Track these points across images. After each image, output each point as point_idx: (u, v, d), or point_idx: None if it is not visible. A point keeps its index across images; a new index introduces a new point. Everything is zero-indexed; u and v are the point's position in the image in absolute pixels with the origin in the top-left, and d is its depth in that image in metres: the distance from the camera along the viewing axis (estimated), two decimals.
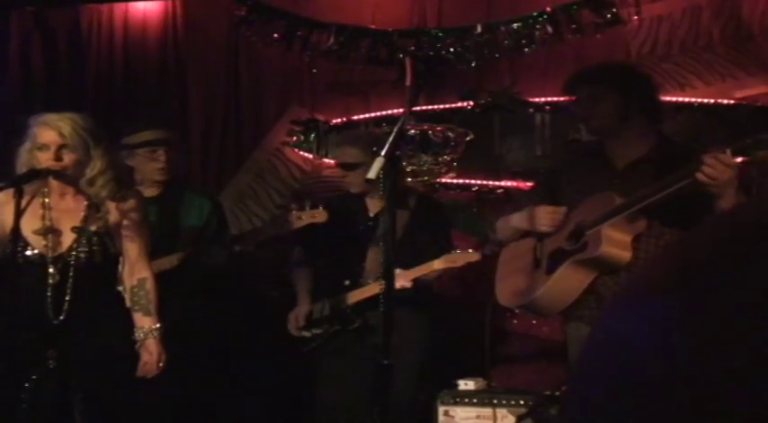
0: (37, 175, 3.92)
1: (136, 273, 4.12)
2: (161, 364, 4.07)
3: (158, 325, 4.10)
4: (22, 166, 3.97)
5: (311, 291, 5.21)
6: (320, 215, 5.07)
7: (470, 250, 4.93)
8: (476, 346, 5.52)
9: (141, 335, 4.07)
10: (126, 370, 4.02)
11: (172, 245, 5.12)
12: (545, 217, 3.96)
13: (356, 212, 5.15)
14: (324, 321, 5.12)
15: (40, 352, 3.89)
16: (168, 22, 7.37)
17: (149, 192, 5.19)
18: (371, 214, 5.12)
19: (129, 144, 5.18)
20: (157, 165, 5.17)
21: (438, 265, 4.87)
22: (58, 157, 3.91)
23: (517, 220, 4.12)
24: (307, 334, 5.13)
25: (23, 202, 3.90)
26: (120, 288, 4.18)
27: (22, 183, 3.89)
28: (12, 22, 7.49)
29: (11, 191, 3.88)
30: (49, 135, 3.91)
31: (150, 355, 4.06)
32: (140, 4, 7.43)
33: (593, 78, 4.00)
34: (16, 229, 3.86)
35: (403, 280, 4.71)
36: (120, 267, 4.16)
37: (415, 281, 4.85)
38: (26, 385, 3.86)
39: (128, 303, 4.09)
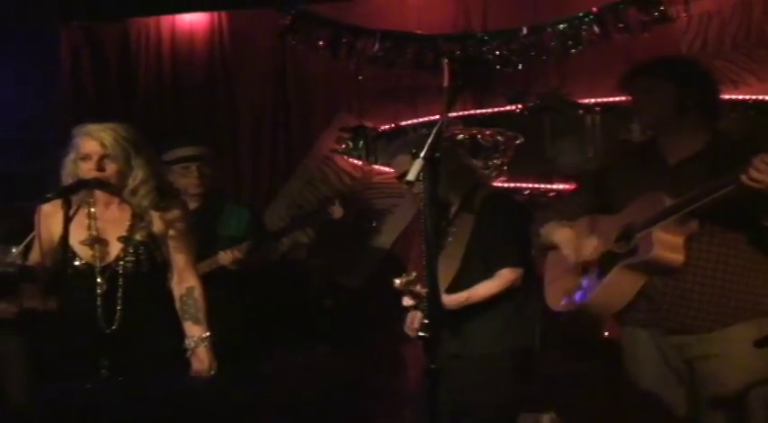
0: (84, 185, 3.95)
1: (184, 281, 4.14)
2: (212, 372, 4.07)
3: (208, 333, 4.10)
4: (67, 177, 4.00)
5: None
6: (337, 211, 5.12)
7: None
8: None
9: (192, 343, 4.08)
10: (176, 378, 4.02)
11: (209, 254, 5.18)
12: (577, 251, 3.90)
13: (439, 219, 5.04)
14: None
15: (93, 361, 3.91)
16: (215, 34, 7.40)
17: (188, 205, 5.25)
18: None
19: (164, 161, 5.26)
20: (191, 180, 5.29)
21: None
22: (100, 168, 3.93)
23: (551, 234, 4.06)
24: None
25: (71, 212, 3.93)
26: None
27: (70, 193, 3.91)
28: (62, 39, 7.56)
29: (58, 202, 3.91)
30: (91, 145, 3.94)
31: (201, 364, 4.07)
32: (187, 17, 7.47)
33: (650, 71, 3.90)
34: (65, 240, 3.89)
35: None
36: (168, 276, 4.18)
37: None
38: (80, 394, 3.87)
39: (179, 314, 4.11)
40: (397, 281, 4.64)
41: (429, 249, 3.31)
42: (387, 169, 6.56)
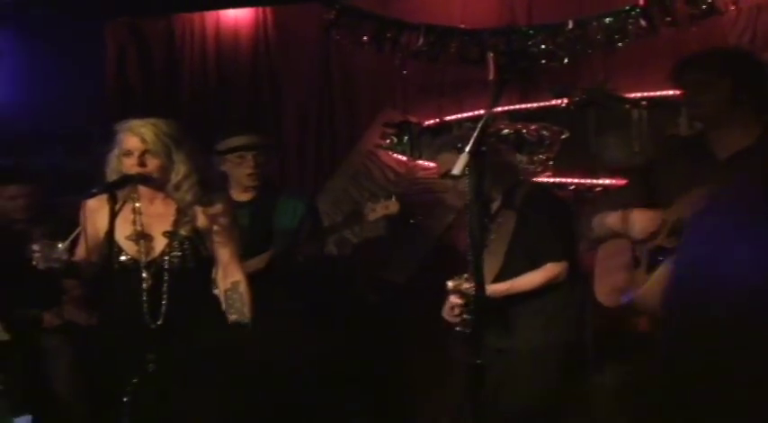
0: (128, 180, 3.97)
1: (229, 276, 4.14)
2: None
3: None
4: (111, 173, 4.03)
5: None
6: (393, 206, 5.08)
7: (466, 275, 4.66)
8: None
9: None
10: (223, 373, 4.02)
11: (265, 247, 5.16)
12: (640, 223, 3.84)
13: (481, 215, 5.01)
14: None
15: (140, 356, 3.92)
16: (259, 28, 7.42)
17: (243, 196, 5.26)
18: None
19: (219, 150, 5.25)
20: (246, 170, 5.26)
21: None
22: (142, 163, 3.96)
23: (612, 220, 4.01)
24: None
25: (116, 208, 3.94)
26: (216, 291, 4.19)
27: (115, 189, 3.93)
28: (107, 34, 7.61)
29: (104, 197, 3.93)
30: (133, 141, 3.97)
31: None
32: (231, 12, 7.48)
33: (704, 64, 3.84)
34: (111, 235, 3.91)
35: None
36: (213, 271, 4.18)
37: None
38: (127, 389, 3.89)
39: (223, 307, 4.09)
40: (450, 283, 4.62)
41: (474, 245, 3.30)
42: (431, 164, 6.53)
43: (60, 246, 3.92)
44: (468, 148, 3.19)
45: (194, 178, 4.02)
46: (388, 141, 7.00)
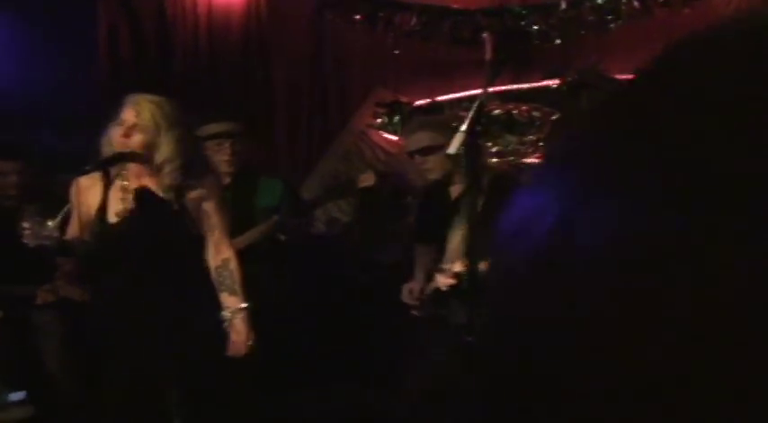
0: (120, 158, 3.95)
1: (219, 253, 4.13)
2: (249, 343, 4.07)
3: (245, 305, 4.10)
4: (105, 144, 4.00)
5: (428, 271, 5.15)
6: (367, 178, 5.10)
7: None
8: None
9: (228, 314, 4.08)
10: (218, 351, 4.03)
11: (249, 227, 5.20)
12: None
13: (439, 198, 5.08)
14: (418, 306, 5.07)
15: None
16: (251, 6, 7.40)
17: (223, 180, 5.28)
18: (452, 199, 5.04)
19: (198, 136, 5.26)
20: (224, 157, 5.27)
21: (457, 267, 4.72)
22: (127, 135, 3.93)
23: None
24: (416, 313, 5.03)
25: (103, 188, 3.93)
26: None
27: (108, 165, 3.92)
28: (99, 10, 7.58)
29: (95, 175, 3.92)
30: (128, 113, 3.95)
31: (239, 335, 4.07)
32: None
33: None
34: (103, 213, 3.91)
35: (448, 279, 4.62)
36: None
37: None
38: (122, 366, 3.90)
39: (215, 285, 4.10)
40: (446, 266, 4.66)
41: (470, 222, 3.31)
42: None
43: (50, 223, 3.90)
44: (463, 128, 3.19)
45: (177, 162, 3.99)
46: (379, 121, 7.00)
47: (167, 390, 3.89)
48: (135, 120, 3.94)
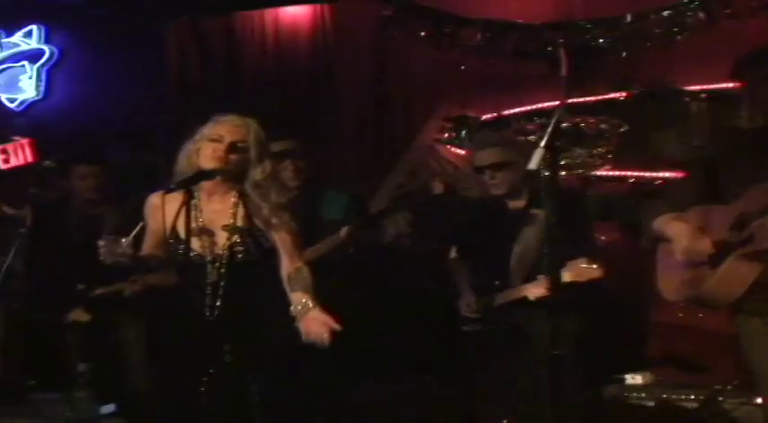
0: (205, 176, 4.00)
1: (293, 263, 4.13)
2: (333, 327, 3.93)
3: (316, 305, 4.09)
4: (182, 160, 4.06)
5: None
6: (437, 187, 5.13)
7: (594, 266, 4.75)
8: (640, 341, 5.44)
9: (300, 308, 3.98)
10: (297, 361, 4.06)
11: (314, 241, 5.24)
12: (683, 241, 3.86)
13: (497, 213, 5.11)
14: (480, 320, 5.12)
15: (216, 347, 3.97)
16: (317, 25, 7.49)
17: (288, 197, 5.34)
18: (512, 214, 5.07)
19: None
20: (286, 174, 5.33)
21: (567, 277, 4.76)
22: (229, 151, 3.98)
23: (664, 227, 4.03)
24: (467, 328, 5.12)
25: (178, 205, 3.98)
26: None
27: (192, 184, 3.96)
28: (168, 33, 7.73)
29: (176, 193, 3.98)
30: (231, 130, 3.99)
31: (315, 321, 3.94)
32: (290, 9, 7.57)
33: None
34: (177, 231, 3.97)
35: (540, 289, 4.66)
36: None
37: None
38: (204, 379, 3.95)
39: (287, 290, 4.08)
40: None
41: (549, 235, 3.34)
42: None
43: (124, 240, 3.96)
44: (543, 143, 3.22)
45: (277, 182, 4.08)
46: (446, 135, 7.03)
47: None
48: (238, 138, 3.99)
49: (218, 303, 3.99)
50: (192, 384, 3.95)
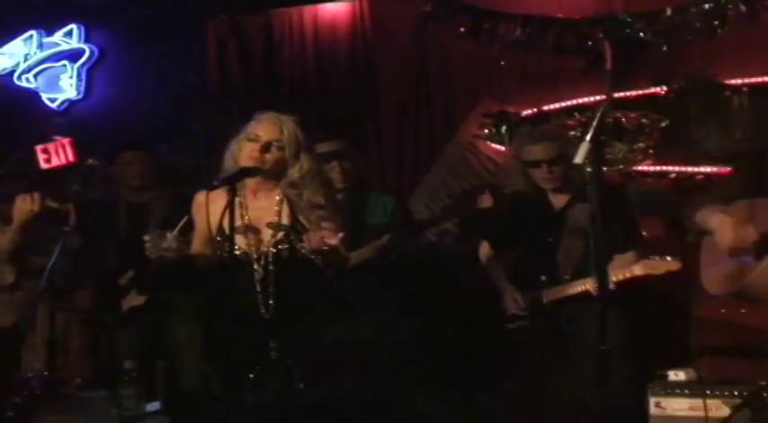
0: (247, 173, 4.03)
1: None
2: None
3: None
4: (227, 159, 4.09)
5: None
6: (486, 200, 5.13)
7: (669, 258, 4.77)
8: (682, 337, 5.41)
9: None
10: (343, 358, 4.07)
11: (359, 244, 5.24)
12: (729, 238, 3.84)
13: (542, 207, 5.11)
14: (526, 316, 5.11)
15: (263, 344, 3.99)
16: (356, 22, 7.49)
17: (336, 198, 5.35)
18: (557, 208, 5.07)
19: None
20: (333, 175, 5.34)
21: (638, 270, 4.76)
22: (264, 151, 4.01)
23: (707, 219, 4.01)
24: (512, 326, 5.12)
25: (224, 203, 4.01)
26: None
27: (235, 181, 3.99)
28: (207, 31, 7.76)
29: (220, 190, 4.01)
30: (268, 129, 4.03)
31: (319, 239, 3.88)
32: (329, 6, 7.59)
33: None
34: (224, 229, 4.00)
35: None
36: None
37: (618, 284, 4.76)
38: (251, 376, 3.98)
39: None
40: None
41: (595, 231, 3.34)
42: None
43: (169, 235, 3.99)
44: (588, 137, 3.22)
45: (317, 179, 4.09)
46: (486, 132, 7.02)
47: None
48: (274, 136, 4.02)
49: (270, 302, 4.02)
50: (238, 382, 3.98)
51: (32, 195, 5.02)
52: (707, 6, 6.48)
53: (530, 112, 6.91)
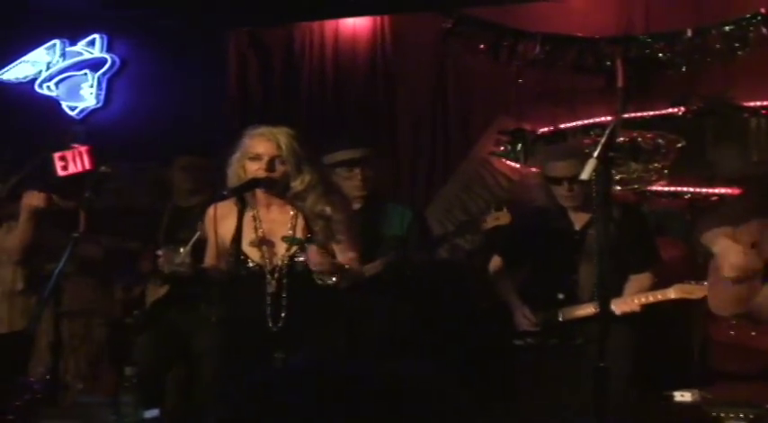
0: (255, 184, 4.03)
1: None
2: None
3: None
4: (232, 176, 4.09)
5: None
6: (504, 217, 5.14)
7: (705, 283, 4.73)
8: (690, 358, 5.37)
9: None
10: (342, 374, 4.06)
11: (374, 255, 5.23)
12: (731, 262, 3.83)
13: (561, 225, 5.09)
14: (538, 333, 5.09)
15: (268, 355, 3.98)
16: (377, 37, 7.50)
17: (354, 206, 5.34)
18: (577, 227, 5.06)
19: (326, 164, 5.33)
20: (354, 182, 5.33)
21: (672, 294, 4.75)
22: (270, 168, 4.01)
23: (712, 243, 3.99)
24: (520, 342, 5.10)
25: (234, 216, 4.01)
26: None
27: (244, 192, 4.00)
28: (228, 44, 7.80)
29: (228, 203, 4.01)
30: (266, 146, 4.03)
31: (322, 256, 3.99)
32: (350, 21, 7.60)
33: None
34: (237, 242, 4.00)
35: (630, 305, 4.69)
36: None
37: (644, 307, 4.76)
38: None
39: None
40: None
41: (600, 249, 3.34)
42: None
43: (182, 250, 4.00)
44: (596, 153, 3.21)
45: (320, 189, 4.08)
46: (501, 148, 7.01)
47: None
48: (276, 151, 4.02)
49: (282, 314, 4.02)
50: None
51: (40, 192, 5.05)
52: (728, 28, 6.46)
53: (546, 129, 6.89)
